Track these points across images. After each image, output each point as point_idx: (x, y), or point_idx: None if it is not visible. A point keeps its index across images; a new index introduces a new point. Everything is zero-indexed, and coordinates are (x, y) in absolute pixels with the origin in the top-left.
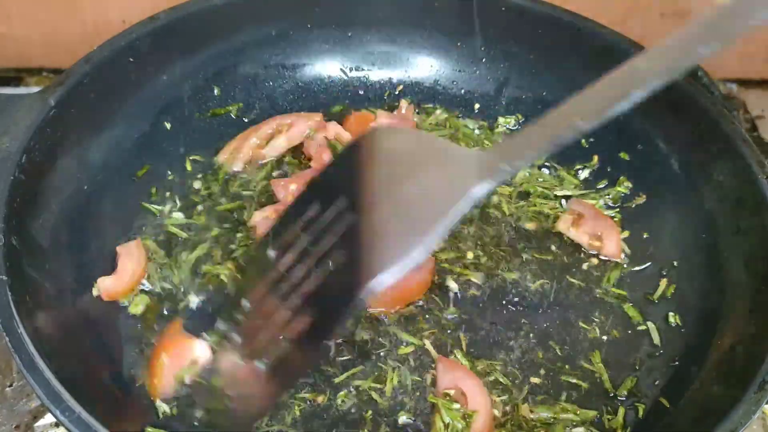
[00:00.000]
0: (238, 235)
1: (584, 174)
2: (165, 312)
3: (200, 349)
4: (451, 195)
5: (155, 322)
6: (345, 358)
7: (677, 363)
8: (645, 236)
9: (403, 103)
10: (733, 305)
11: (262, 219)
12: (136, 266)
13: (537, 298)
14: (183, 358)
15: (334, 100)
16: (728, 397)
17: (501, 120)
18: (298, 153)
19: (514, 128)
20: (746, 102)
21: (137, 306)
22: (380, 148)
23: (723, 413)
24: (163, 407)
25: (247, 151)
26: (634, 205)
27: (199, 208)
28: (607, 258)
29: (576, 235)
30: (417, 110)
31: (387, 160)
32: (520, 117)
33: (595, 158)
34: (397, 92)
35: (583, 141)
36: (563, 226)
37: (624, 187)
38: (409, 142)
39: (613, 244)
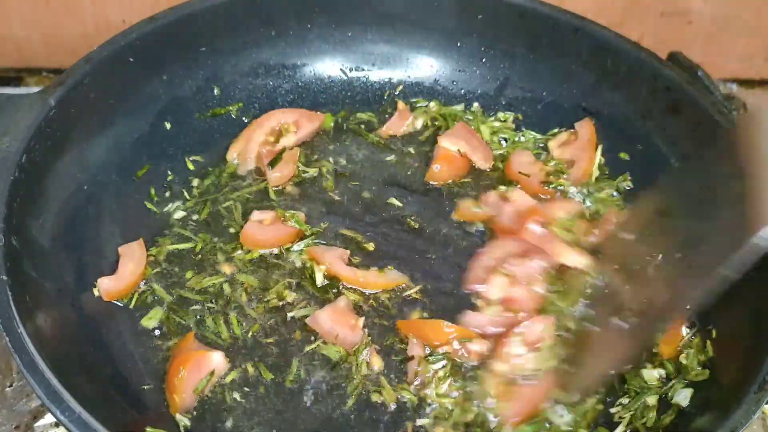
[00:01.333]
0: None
1: None
2: (177, 321)
3: (217, 360)
4: None
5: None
6: None
7: (678, 362)
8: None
9: (400, 105)
10: (732, 305)
11: (255, 222)
12: (136, 267)
13: None
14: (201, 371)
15: (334, 100)
16: (728, 397)
17: None
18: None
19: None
20: (746, 102)
21: (150, 320)
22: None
23: (723, 413)
24: (183, 421)
25: (255, 147)
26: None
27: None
28: None
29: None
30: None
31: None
32: (520, 117)
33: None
34: (397, 92)
35: None
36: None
37: (623, 186)
38: None
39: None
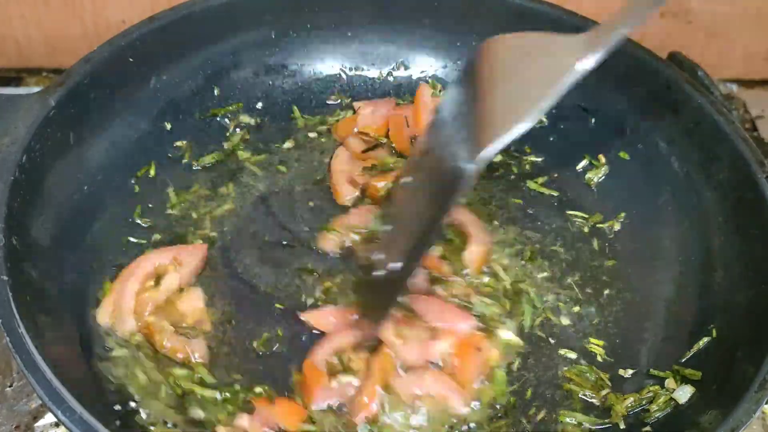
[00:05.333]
0: None
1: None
2: None
3: None
4: (556, 73)
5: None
6: None
7: (678, 362)
8: (645, 235)
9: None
10: (732, 304)
11: None
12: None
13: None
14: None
15: (333, 100)
16: (728, 397)
17: None
18: None
19: None
20: (746, 102)
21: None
22: (489, 57)
23: (723, 413)
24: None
25: (130, 302)
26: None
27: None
28: None
29: None
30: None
31: (498, 63)
32: None
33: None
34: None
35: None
36: None
37: None
38: (515, 43)
39: None
